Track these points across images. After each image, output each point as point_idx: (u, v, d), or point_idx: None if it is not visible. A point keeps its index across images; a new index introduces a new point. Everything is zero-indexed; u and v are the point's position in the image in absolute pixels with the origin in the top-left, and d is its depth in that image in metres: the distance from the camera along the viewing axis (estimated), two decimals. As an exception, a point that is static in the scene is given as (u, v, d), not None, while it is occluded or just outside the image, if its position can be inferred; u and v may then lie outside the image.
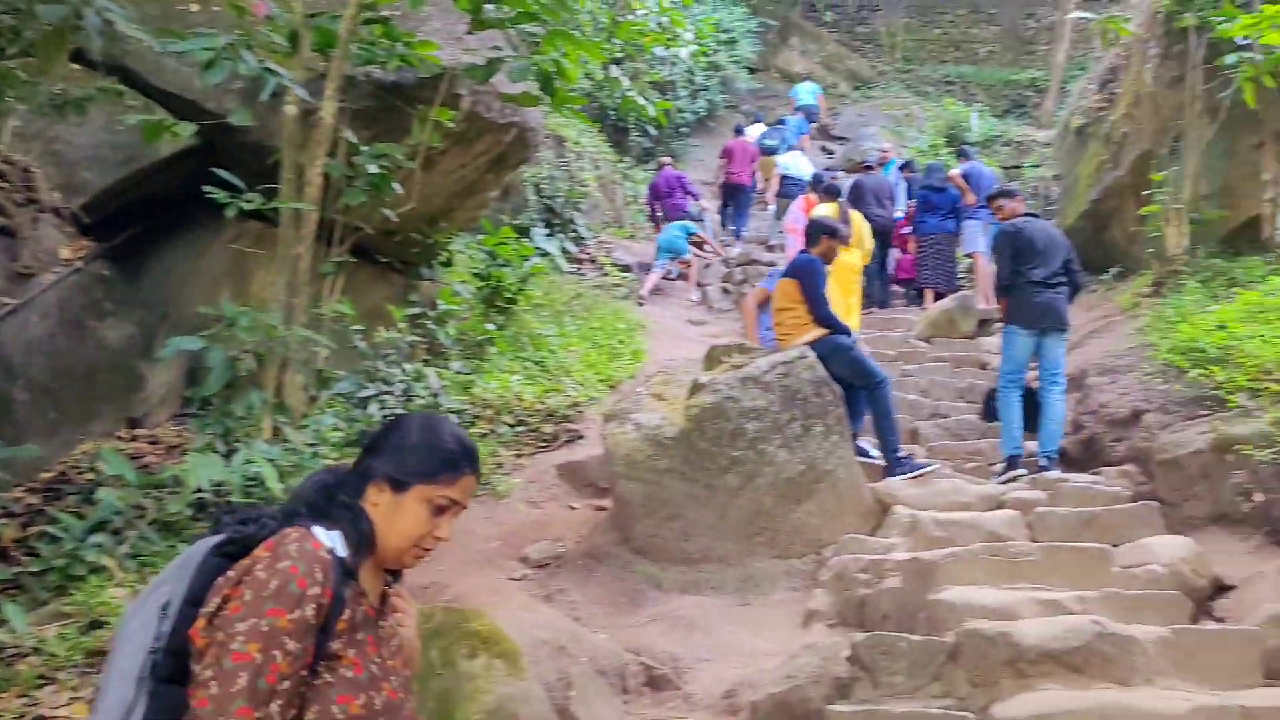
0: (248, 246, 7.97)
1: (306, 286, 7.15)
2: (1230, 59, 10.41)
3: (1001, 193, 9.87)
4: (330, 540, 2.25)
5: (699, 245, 16.69)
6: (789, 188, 17.65)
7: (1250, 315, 8.85)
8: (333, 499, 2.36)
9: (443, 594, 6.09)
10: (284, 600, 2.09)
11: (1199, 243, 11.52)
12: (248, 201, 6.89)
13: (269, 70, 6.75)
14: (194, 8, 7.46)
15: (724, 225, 18.96)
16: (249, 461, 6.06)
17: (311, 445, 6.61)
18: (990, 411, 9.32)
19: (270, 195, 7.00)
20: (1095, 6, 27.19)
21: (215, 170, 6.91)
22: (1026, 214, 9.41)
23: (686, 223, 16.76)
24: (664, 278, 16.30)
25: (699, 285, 16.18)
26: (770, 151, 20.01)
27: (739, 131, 20.41)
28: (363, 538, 2.33)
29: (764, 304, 9.76)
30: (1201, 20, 11.22)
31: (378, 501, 2.37)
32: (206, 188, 6.83)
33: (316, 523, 2.28)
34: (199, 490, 5.85)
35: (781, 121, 22.12)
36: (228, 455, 6.22)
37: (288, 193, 7.04)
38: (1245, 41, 10.28)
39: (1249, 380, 7.91)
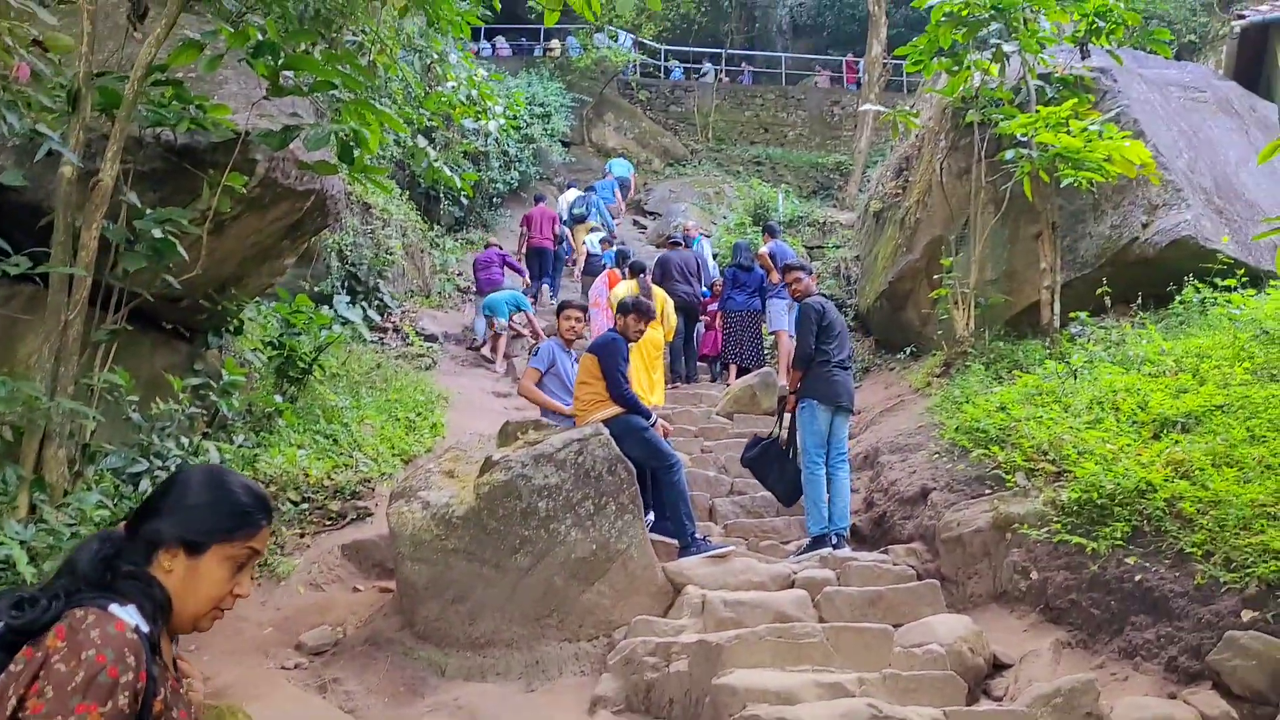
0: (19, 311, 7.50)
1: (76, 354, 6.74)
2: (1009, 154, 10.86)
3: (800, 265, 9.96)
4: (130, 617, 2.05)
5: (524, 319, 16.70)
6: (594, 264, 17.84)
7: (1028, 397, 9.17)
8: (117, 571, 2.15)
9: (205, 686, 5.73)
10: (94, 693, 1.90)
11: (985, 326, 11.92)
12: (14, 265, 6.49)
13: (37, 132, 6.40)
14: (-33, 62, 7.03)
15: (534, 297, 18.84)
16: (-2, 542, 5.63)
17: (72, 525, 6.17)
18: (749, 459, 9.41)
19: (43, 258, 6.60)
20: (895, 97, 28.39)
21: (-21, 231, 6.51)
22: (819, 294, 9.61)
23: (520, 296, 16.70)
24: (470, 347, 16.21)
25: (505, 357, 16.03)
26: (579, 219, 20.25)
27: (538, 200, 20.86)
28: (159, 608, 2.15)
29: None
30: (985, 117, 11.69)
31: (171, 568, 2.21)
32: (-33, 250, 6.42)
33: (106, 599, 2.07)
34: (-62, 574, 5.40)
35: (591, 188, 22.38)
36: (-24, 535, 5.77)
37: (59, 256, 6.64)
38: (1024, 138, 10.74)
39: (1025, 460, 8.17)
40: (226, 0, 7.71)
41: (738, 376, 14.57)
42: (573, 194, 21.91)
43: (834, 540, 8.60)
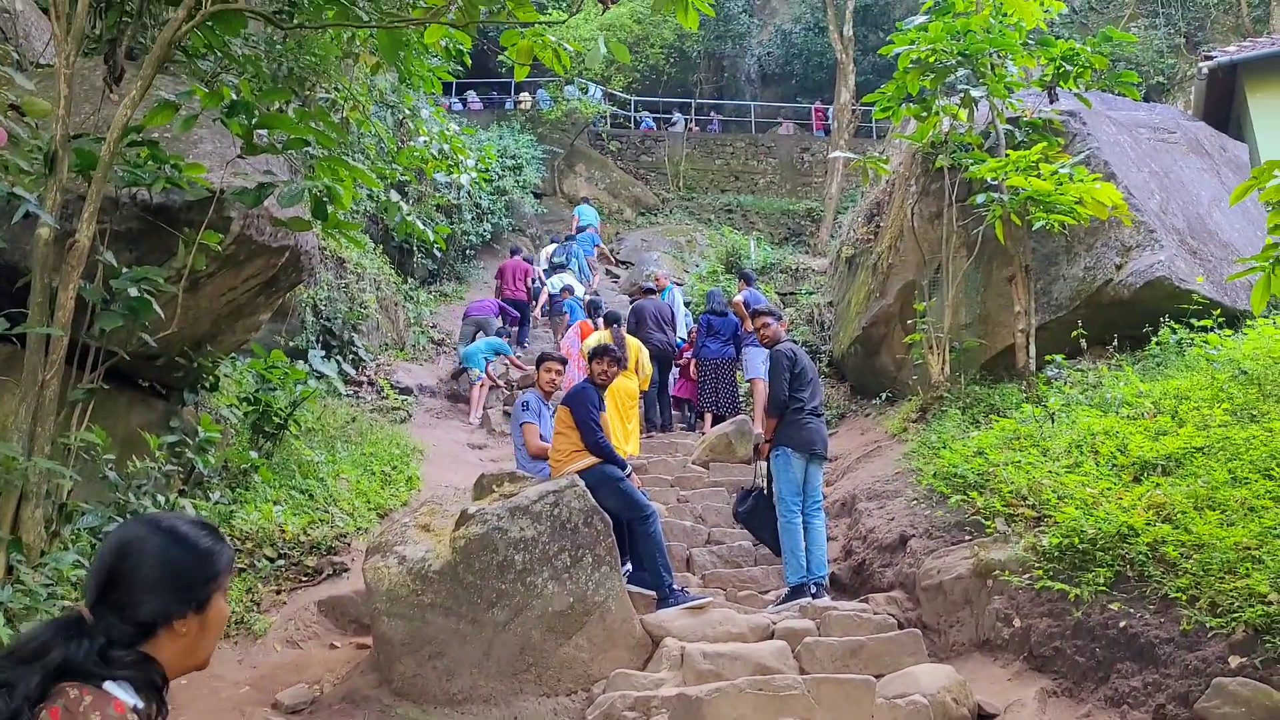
0: (-5, 372, 7.52)
1: (53, 414, 6.71)
2: (980, 198, 10.95)
3: (769, 311, 9.86)
4: (128, 696, 2.05)
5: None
6: (556, 306, 18.42)
7: (1006, 442, 9.16)
8: (118, 662, 2.12)
9: (184, 747, 5.67)
10: None
11: (960, 370, 11.96)
12: (-11, 326, 6.49)
13: (14, 195, 6.42)
14: (-59, 127, 7.05)
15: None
16: (-26, 605, 5.59)
17: (49, 585, 6.13)
18: (744, 514, 9.37)
19: (21, 319, 6.61)
20: (864, 143, 28.67)
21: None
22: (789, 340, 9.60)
23: (497, 341, 16.96)
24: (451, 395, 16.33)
25: (470, 422, 16.05)
26: (559, 268, 20.53)
27: (514, 252, 21.17)
28: (157, 687, 2.16)
29: None
30: (955, 161, 11.79)
31: (185, 630, 2.24)
32: (-57, 312, 6.41)
33: (99, 678, 2.05)
34: (-87, 639, 5.35)
35: (570, 238, 22.64)
36: (-48, 599, 5.72)
37: (36, 317, 6.63)
38: (994, 182, 10.84)
39: (1005, 506, 8.14)
40: (201, 61, 7.76)
41: (713, 425, 14.52)
42: (552, 248, 22.19)
43: (813, 589, 8.58)
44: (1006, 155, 10.87)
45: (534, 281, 20.21)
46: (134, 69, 7.62)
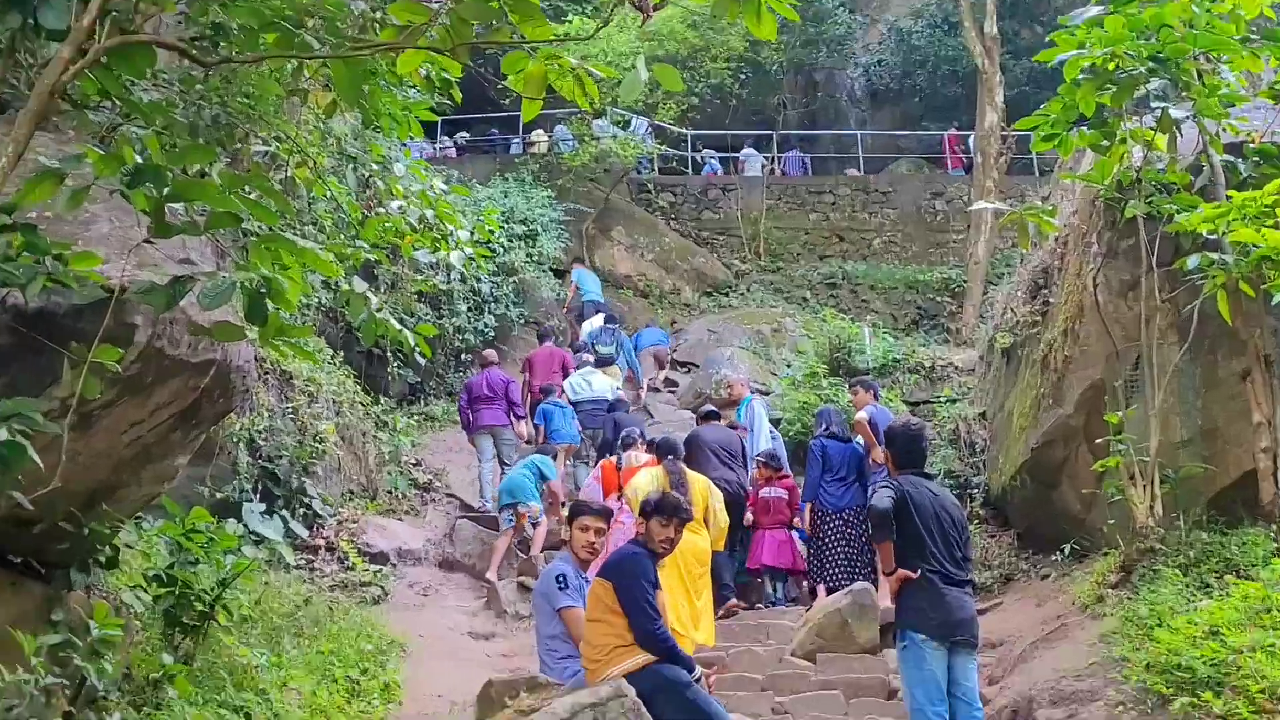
0: None
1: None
2: (1192, 261, 10.83)
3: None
4: None
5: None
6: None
7: (1251, 616, 8.93)
8: None
9: None
10: None
11: (1179, 509, 11.69)
12: None
13: None
14: None
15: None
16: None
17: None
18: None
19: None
20: (1021, 183, 28.42)
21: None
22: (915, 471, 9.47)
23: (543, 459, 17.05)
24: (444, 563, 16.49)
25: (488, 581, 16.01)
26: (607, 360, 20.79)
27: (543, 339, 22.09)
28: None
29: None
30: (1153, 209, 11.69)
31: None
32: None
33: None
34: None
35: (614, 322, 22.90)
36: None
37: None
38: (1212, 237, 10.74)
39: (1253, 710, 7.91)
40: (95, 112, 7.95)
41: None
42: (599, 321, 22.43)
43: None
44: (1228, 198, 10.82)
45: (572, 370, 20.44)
46: (3, 126, 7.84)
